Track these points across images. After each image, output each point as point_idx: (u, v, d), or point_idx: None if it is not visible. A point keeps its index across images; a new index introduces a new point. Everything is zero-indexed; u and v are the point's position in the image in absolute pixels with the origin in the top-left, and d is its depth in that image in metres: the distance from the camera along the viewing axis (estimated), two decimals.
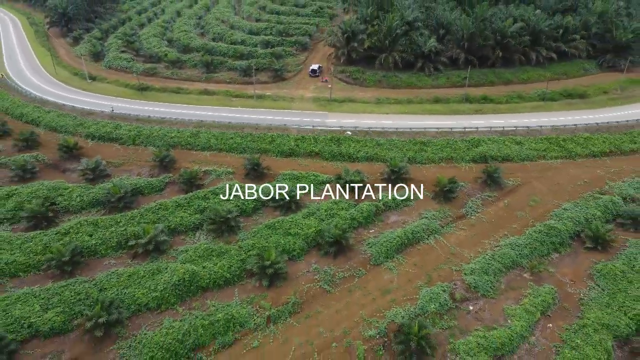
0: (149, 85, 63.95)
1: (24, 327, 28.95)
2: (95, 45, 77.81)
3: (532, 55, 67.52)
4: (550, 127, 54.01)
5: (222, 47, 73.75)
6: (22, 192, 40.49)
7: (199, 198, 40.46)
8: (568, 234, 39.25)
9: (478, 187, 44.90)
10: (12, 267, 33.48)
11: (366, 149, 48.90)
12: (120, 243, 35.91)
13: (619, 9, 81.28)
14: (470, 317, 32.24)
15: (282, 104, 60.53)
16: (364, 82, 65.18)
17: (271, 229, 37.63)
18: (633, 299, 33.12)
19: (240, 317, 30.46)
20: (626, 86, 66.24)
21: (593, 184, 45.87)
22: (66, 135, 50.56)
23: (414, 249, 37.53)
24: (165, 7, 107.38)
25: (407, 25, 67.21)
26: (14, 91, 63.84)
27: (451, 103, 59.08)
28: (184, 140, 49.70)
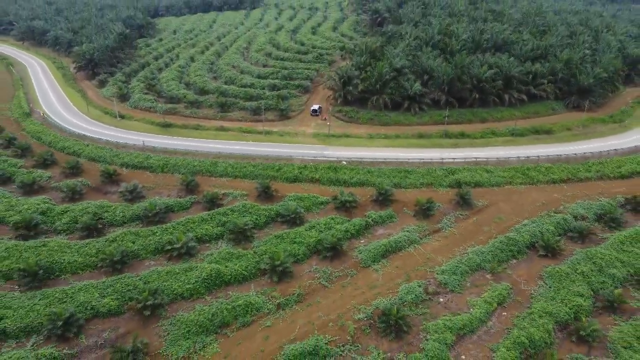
0: (171, 123, 75.49)
1: (87, 309, 37.91)
2: (121, 88, 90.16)
3: (505, 97, 79.29)
4: (516, 158, 64.63)
5: (234, 90, 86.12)
6: (74, 209, 50.43)
7: (220, 214, 50.31)
8: (525, 244, 48.55)
9: (452, 207, 54.74)
10: (72, 266, 42.79)
11: (359, 175, 59.27)
12: (157, 248, 45.38)
13: (585, 57, 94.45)
14: (440, 306, 41.03)
15: (287, 138, 71.69)
16: (358, 120, 76.66)
17: (280, 238, 47.19)
18: (573, 294, 41.93)
19: (256, 304, 39.43)
20: (587, 124, 77.52)
21: (550, 205, 55.67)
22: (104, 164, 61.12)
23: (396, 255, 46.81)
24: (179, 52, 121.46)
25: (396, 72, 79.52)
26: (54, 127, 75.30)
27: (433, 138, 70.11)
28: (205, 169, 60.26)
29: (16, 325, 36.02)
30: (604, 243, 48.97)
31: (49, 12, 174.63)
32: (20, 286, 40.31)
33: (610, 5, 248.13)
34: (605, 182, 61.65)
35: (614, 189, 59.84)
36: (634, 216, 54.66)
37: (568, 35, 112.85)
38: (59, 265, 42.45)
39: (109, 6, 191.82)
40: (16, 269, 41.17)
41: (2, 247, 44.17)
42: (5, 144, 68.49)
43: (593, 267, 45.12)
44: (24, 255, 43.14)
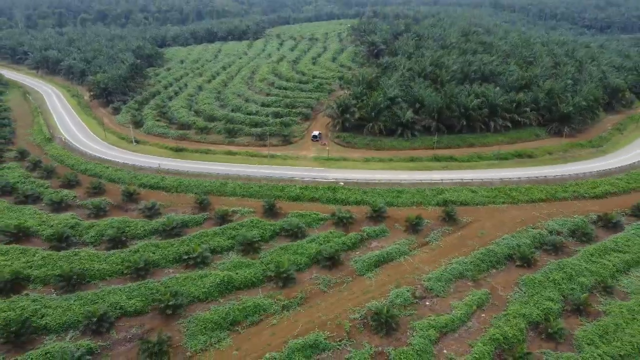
0: (183, 147, 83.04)
1: (117, 309, 43.98)
2: (135, 115, 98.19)
3: (491, 123, 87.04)
4: (499, 180, 71.65)
5: (240, 117, 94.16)
6: (99, 224, 57.08)
7: (230, 229, 56.88)
8: (503, 256, 54.78)
9: (439, 223, 61.26)
10: (101, 273, 49.04)
11: (355, 195, 66.15)
12: (175, 258, 51.72)
13: (567, 86, 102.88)
14: (426, 308, 47.02)
15: (290, 161, 79.04)
16: (355, 145, 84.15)
17: (284, 249, 53.59)
18: (545, 299, 47.96)
19: (263, 305, 45.48)
20: (567, 149, 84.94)
21: (528, 222, 62.10)
22: (124, 185, 68.11)
23: (388, 265, 53.01)
24: (187, 81, 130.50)
25: (390, 101, 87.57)
26: (75, 151, 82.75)
27: (423, 161, 77.42)
28: (215, 189, 67.22)
29: (56, 321, 42.05)
30: (575, 255, 55.24)
31: (61, 42, 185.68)
32: (57, 290, 46.52)
33: (600, 35, 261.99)
34: (580, 202, 68.38)
35: (588, 208, 66.51)
36: (605, 231, 61.14)
37: (553, 66, 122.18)
38: (90, 272, 48.72)
39: (118, 37, 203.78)
40: (53, 275, 47.52)
41: (39, 257, 50.62)
42: (31, 167, 75.76)
43: (564, 275, 51.26)
44: (58, 263, 49.53)
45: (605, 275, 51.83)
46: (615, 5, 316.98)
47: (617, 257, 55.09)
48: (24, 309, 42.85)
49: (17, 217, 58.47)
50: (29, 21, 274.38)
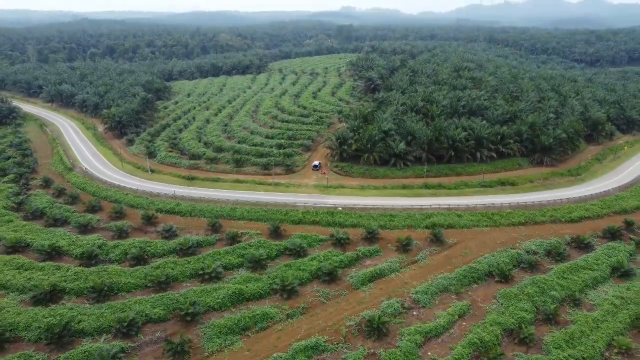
0: (195, 176, 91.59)
1: (143, 316, 51.11)
2: (149, 146, 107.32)
3: (477, 154, 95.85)
4: (483, 205, 79.70)
5: (246, 148, 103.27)
6: (123, 244, 64.79)
7: (240, 248, 64.51)
8: (484, 272, 62.08)
9: (427, 244, 68.87)
10: (127, 286, 56.37)
11: (351, 219, 74.08)
12: (192, 274, 59.12)
13: (549, 120, 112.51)
14: (413, 317, 54.09)
15: (293, 189, 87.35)
16: (352, 174, 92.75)
17: (288, 266, 61.03)
18: (519, 309, 54.93)
19: (270, 314, 52.61)
20: (547, 177, 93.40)
21: (508, 243, 69.68)
22: (143, 210, 76.16)
23: (380, 280, 60.30)
24: (195, 114, 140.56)
25: (384, 133, 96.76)
26: (95, 180, 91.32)
27: (414, 189, 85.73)
28: (225, 213, 75.20)
29: (91, 326, 49.19)
30: (549, 272, 62.56)
31: (73, 77, 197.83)
32: (89, 300, 53.81)
33: (589, 68, 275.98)
34: (556, 225, 76.13)
35: (563, 231, 74.22)
36: (577, 252, 68.65)
37: (538, 100, 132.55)
38: (117, 285, 56.09)
39: (127, 71, 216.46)
40: (85, 288, 54.94)
41: (71, 272, 58.10)
42: (56, 194, 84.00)
43: (537, 289, 58.44)
44: (89, 277, 56.97)
45: (575, 289, 58.97)
46: (604, 40, 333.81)
47: (586, 274, 62.27)
48: (63, 315, 50.07)
49: (49, 238, 66.19)
50: (40, 55, 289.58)
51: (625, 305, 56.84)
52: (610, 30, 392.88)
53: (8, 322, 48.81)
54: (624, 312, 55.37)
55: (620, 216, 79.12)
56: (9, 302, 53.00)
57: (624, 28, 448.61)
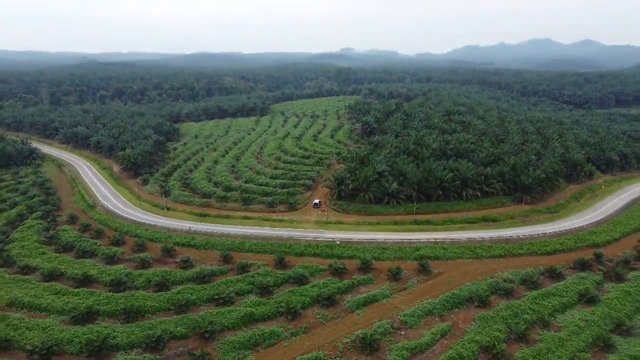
0: (207, 213, 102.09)
1: (167, 333, 60.11)
2: (163, 186, 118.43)
3: (463, 193, 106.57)
4: (467, 239, 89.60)
5: (253, 188, 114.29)
6: (146, 273, 74.38)
7: (249, 277, 74.01)
8: (465, 298, 71.09)
9: (415, 273, 78.29)
10: (152, 309, 65.54)
11: (348, 251, 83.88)
12: (208, 299, 68.39)
13: (530, 161, 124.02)
14: (401, 336, 62.88)
15: (295, 224, 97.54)
16: (349, 211, 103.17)
17: (291, 292, 70.28)
18: (494, 330, 63.83)
19: (277, 332, 61.57)
20: (527, 214, 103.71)
21: (488, 273, 79.04)
22: (161, 243, 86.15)
23: (373, 305, 69.32)
24: (203, 156, 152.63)
25: (378, 174, 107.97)
26: (116, 216, 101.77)
27: (405, 224, 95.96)
28: (236, 246, 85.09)
29: (123, 342, 58.21)
30: (523, 298, 71.84)
31: (87, 119, 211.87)
32: (120, 320, 62.95)
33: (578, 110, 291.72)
34: (533, 257, 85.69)
35: (539, 262, 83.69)
36: (550, 281, 77.88)
37: (522, 143, 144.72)
38: (144, 307, 65.36)
39: (137, 113, 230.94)
40: (117, 310, 64.21)
41: (103, 297, 67.50)
42: (82, 229, 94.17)
43: (511, 313, 67.46)
44: (119, 301, 66.33)
45: (545, 313, 67.98)
46: (593, 83, 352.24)
47: (556, 300, 71.41)
48: (100, 332, 59.21)
49: (81, 268, 75.94)
50: (52, 97, 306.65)
51: (589, 326, 65.63)
52: (599, 72, 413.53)
53: (54, 338, 57.88)
54: (587, 333, 64.14)
55: (592, 249, 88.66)
56: (51, 321, 62.22)
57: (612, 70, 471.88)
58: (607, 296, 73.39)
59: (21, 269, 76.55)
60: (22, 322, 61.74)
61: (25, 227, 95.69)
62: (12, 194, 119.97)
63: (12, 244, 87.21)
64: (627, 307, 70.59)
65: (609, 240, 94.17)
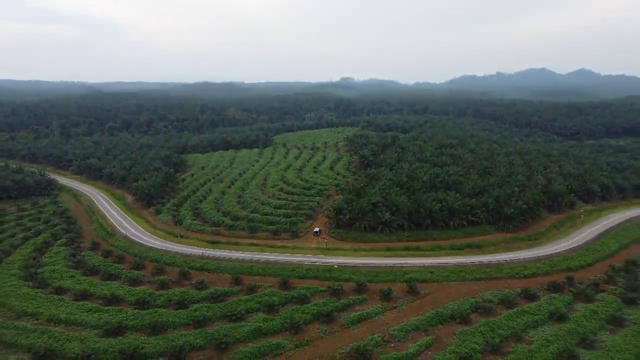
0: (217, 240, 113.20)
1: (188, 344, 70.28)
2: (175, 215, 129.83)
3: (450, 222, 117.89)
4: (452, 264, 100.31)
5: (258, 217, 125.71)
6: (166, 293, 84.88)
7: (257, 297, 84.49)
8: (448, 316, 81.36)
9: (405, 294, 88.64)
10: (174, 324, 75.78)
11: (345, 274, 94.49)
12: (222, 315, 78.71)
13: (513, 193, 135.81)
14: (391, 348, 72.98)
15: (297, 250, 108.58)
16: (346, 238, 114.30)
17: (295, 310, 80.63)
18: (472, 342, 73.98)
19: (282, 344, 71.69)
20: (509, 241, 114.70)
21: (470, 294, 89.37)
22: (177, 267, 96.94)
23: (366, 321, 79.56)
24: (211, 187, 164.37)
25: (373, 205, 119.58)
26: (135, 243, 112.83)
27: (396, 250, 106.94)
28: (245, 270, 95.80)
29: (151, 351, 68.35)
30: (500, 316, 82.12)
31: (99, 151, 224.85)
32: (146, 334, 73.19)
33: (568, 141, 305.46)
34: (511, 280, 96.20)
35: (516, 284, 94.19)
36: (525, 301, 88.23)
37: (507, 175, 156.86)
38: (166, 323, 75.71)
39: (146, 145, 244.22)
40: (142, 325, 74.53)
41: (130, 314, 77.93)
42: (105, 254, 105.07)
43: (488, 328, 77.75)
44: (144, 317, 76.69)
45: (518, 329, 78.21)
46: (584, 114, 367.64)
47: (529, 317, 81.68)
48: (130, 344, 69.42)
49: (108, 289, 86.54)
50: (62, 129, 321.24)
51: (557, 340, 75.72)
52: (591, 103, 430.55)
53: (92, 348, 68.08)
54: (555, 346, 74.12)
55: (565, 273, 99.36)
56: (87, 334, 72.53)
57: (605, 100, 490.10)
58: (575, 314, 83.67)
59: (55, 290, 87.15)
60: (62, 335, 72.03)
61: (52, 253, 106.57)
62: (35, 223, 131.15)
63: (43, 268, 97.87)
64: (592, 324, 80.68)
65: (582, 265, 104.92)
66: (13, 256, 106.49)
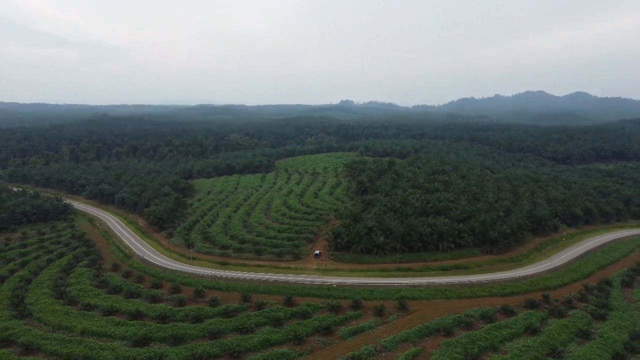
0: (226, 262, 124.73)
1: (205, 353, 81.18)
2: (187, 239, 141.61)
3: (439, 245, 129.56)
4: (440, 283, 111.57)
5: (263, 240, 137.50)
6: (183, 309, 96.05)
7: (265, 312, 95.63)
8: (434, 329, 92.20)
9: (396, 310, 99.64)
10: (192, 336, 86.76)
11: (343, 293, 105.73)
12: (234, 328, 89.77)
13: (499, 217, 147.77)
14: (382, 357, 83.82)
15: (300, 271, 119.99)
16: (344, 260, 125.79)
17: (298, 324, 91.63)
18: (454, 353, 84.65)
19: (287, 353, 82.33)
20: (493, 263, 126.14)
21: (454, 310, 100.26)
22: (192, 286, 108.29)
23: (362, 334, 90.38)
24: (218, 211, 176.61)
25: (368, 229, 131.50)
26: (152, 265, 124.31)
27: (390, 271, 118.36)
28: (252, 289, 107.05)
29: (174, 359, 79.33)
30: (480, 329, 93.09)
31: (109, 176, 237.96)
32: (169, 344, 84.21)
33: (559, 166, 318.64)
34: (493, 298, 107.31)
35: (497, 302, 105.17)
36: (504, 316, 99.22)
37: (495, 200, 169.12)
38: (185, 335, 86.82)
39: (154, 171, 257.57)
40: (165, 336, 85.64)
41: (153, 327, 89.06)
42: (125, 275, 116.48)
43: (469, 340, 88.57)
44: (166, 330, 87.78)
45: (496, 341, 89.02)
46: (575, 140, 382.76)
47: (506, 331, 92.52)
48: (156, 352, 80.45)
49: (132, 305, 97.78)
50: (72, 154, 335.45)
51: (529, 351, 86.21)
52: (583, 128, 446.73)
53: (123, 356, 79.10)
54: (527, 356, 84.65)
55: (542, 291, 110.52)
56: (117, 345, 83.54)
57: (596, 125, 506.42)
58: (548, 328, 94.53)
59: (84, 306, 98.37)
60: (95, 344, 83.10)
61: (77, 274, 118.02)
62: (56, 246, 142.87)
63: (71, 287, 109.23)
64: (562, 337, 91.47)
65: (559, 284, 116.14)
66: (40, 277, 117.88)
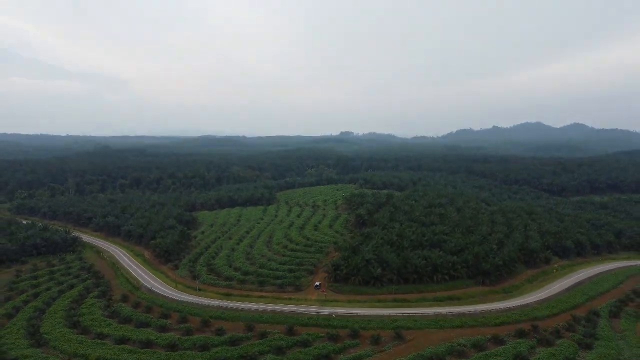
0: (230, 293, 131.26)
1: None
2: (192, 271, 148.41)
3: (434, 277, 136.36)
4: (434, 314, 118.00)
5: (266, 272, 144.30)
6: (191, 338, 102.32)
7: (267, 341, 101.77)
8: (427, 357, 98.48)
9: (392, 339, 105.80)
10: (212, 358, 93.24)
11: (341, 322, 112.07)
12: (239, 356, 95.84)
13: (491, 250, 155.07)
14: None
15: (301, 302, 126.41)
16: (343, 291, 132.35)
17: (299, 352, 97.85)
18: None
19: None
20: (486, 294, 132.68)
21: (447, 339, 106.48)
22: (198, 317, 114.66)
23: None
24: (221, 244, 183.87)
25: (366, 262, 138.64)
26: (159, 296, 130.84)
27: (386, 302, 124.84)
28: (256, 319, 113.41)
29: None
30: (471, 358, 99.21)
31: (115, 209, 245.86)
32: None
33: (554, 198, 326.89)
34: (484, 328, 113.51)
35: (488, 331, 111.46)
36: (494, 345, 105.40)
37: (488, 233, 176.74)
38: None
39: (158, 203, 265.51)
40: None
41: (163, 355, 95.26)
42: (135, 306, 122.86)
43: None
44: (175, 358, 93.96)
45: None
46: (570, 172, 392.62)
47: (496, 359, 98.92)
48: None
49: (142, 335, 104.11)
50: (77, 186, 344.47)
51: None
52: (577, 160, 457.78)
53: None
54: None
55: (532, 322, 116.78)
56: None
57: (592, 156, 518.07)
58: (536, 357, 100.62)
59: (97, 335, 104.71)
60: None
61: (88, 305, 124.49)
62: (66, 277, 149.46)
63: (83, 317, 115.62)
64: None
65: (548, 314, 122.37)
66: (53, 307, 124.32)
